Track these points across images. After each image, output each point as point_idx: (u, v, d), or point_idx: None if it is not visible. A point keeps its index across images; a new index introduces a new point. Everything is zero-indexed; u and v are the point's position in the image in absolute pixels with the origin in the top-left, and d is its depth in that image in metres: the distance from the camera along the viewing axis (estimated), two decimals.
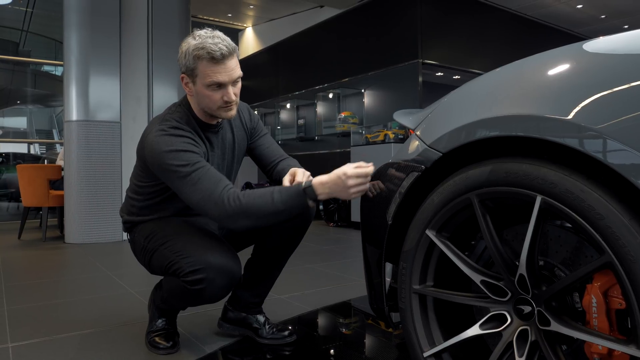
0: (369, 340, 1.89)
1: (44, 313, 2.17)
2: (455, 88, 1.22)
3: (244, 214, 1.38)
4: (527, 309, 0.96)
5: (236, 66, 1.50)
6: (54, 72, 11.30)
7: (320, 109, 7.20)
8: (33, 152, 13.31)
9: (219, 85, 1.47)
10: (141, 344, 1.74)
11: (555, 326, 0.90)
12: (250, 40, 9.63)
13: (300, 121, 7.53)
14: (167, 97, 4.60)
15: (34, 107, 13.48)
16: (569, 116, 0.85)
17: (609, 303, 0.87)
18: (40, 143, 13.90)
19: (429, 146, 1.12)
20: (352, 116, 6.35)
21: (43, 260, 3.61)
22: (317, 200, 1.39)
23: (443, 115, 1.17)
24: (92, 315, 2.12)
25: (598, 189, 0.82)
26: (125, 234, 1.76)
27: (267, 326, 1.77)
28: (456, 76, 7.00)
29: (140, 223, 1.67)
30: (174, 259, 1.48)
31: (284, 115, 8.13)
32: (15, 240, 4.59)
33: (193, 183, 1.42)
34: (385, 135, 5.33)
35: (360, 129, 5.92)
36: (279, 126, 8.12)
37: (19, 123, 14.22)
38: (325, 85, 6.89)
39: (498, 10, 6.59)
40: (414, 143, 1.19)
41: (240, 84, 1.54)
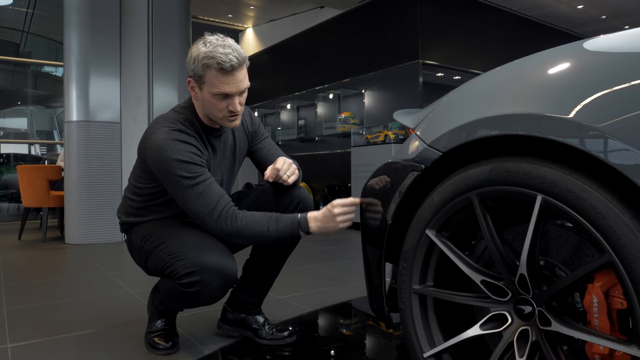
0: (369, 341, 1.89)
1: (44, 313, 2.16)
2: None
3: (238, 235, 1.46)
4: (528, 309, 0.95)
5: (244, 77, 1.49)
6: (54, 73, 11.30)
7: (321, 109, 7.19)
8: (34, 153, 13.32)
9: (225, 96, 1.46)
10: (140, 344, 1.73)
11: (556, 326, 0.90)
12: (250, 41, 9.63)
13: (301, 122, 7.53)
14: (168, 98, 4.60)
15: (35, 108, 13.48)
16: (570, 115, 0.84)
17: (610, 303, 0.86)
18: (40, 144, 13.90)
19: (429, 145, 1.12)
20: (353, 117, 6.35)
21: (43, 260, 3.60)
22: (309, 233, 1.47)
23: (443, 114, 1.16)
24: (92, 315, 2.11)
25: (599, 188, 0.82)
26: (123, 234, 1.75)
27: (267, 327, 1.77)
28: (456, 76, 7.00)
29: (137, 224, 1.66)
30: (169, 261, 1.47)
31: (285, 115, 8.13)
32: (15, 240, 4.59)
33: (194, 196, 1.44)
34: (386, 135, 5.32)
35: (361, 130, 5.91)
36: (280, 127, 8.12)
37: (20, 124, 14.22)
38: (326, 85, 6.89)
39: (498, 11, 6.59)
40: (414, 142, 1.18)
41: (246, 93, 1.53)
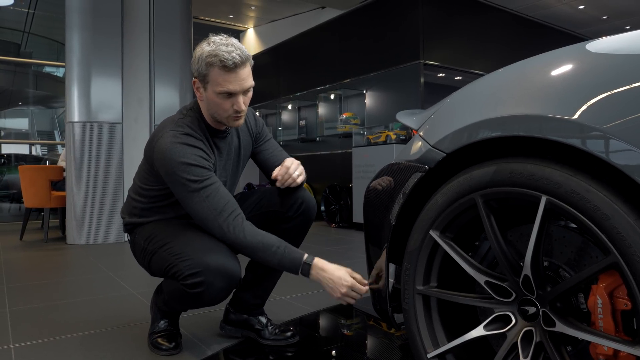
0: (371, 342, 1.89)
1: (46, 314, 2.17)
2: (457, 89, 1.22)
3: (241, 247, 1.47)
4: (532, 309, 0.95)
5: (248, 76, 1.49)
6: (55, 74, 11.31)
7: (322, 109, 7.20)
8: (35, 153, 13.32)
9: (229, 94, 1.47)
10: (143, 345, 1.73)
11: (560, 327, 0.90)
12: (251, 42, 9.63)
13: (302, 122, 7.53)
14: (169, 98, 4.60)
15: (36, 109, 13.49)
16: (574, 116, 0.84)
17: (614, 304, 0.86)
18: (41, 144, 13.91)
19: (432, 146, 1.12)
20: (354, 117, 6.35)
21: (45, 261, 3.61)
22: (305, 276, 1.47)
23: (446, 115, 1.16)
24: (94, 316, 2.11)
25: (603, 189, 0.82)
26: (126, 234, 1.75)
27: (270, 327, 1.77)
28: (458, 77, 7.00)
29: (141, 225, 1.66)
30: (173, 262, 1.47)
31: (286, 116, 8.13)
32: (17, 241, 4.59)
33: (200, 200, 1.44)
34: (387, 136, 5.33)
35: (362, 130, 5.92)
36: (280, 127, 8.12)
37: (21, 124, 14.23)
38: (327, 86, 6.89)
39: (500, 11, 6.59)
40: (417, 143, 1.18)
41: (251, 93, 1.53)
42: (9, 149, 12.10)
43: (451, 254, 1.08)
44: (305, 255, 1.47)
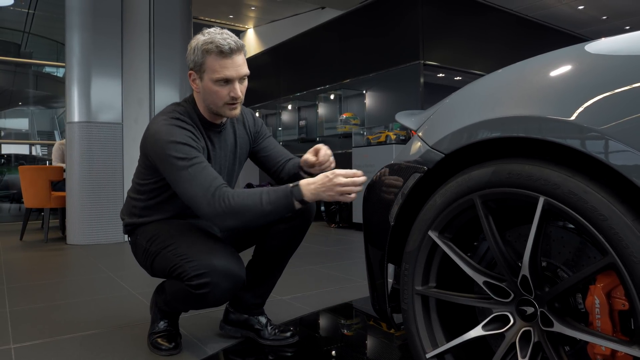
0: (370, 342, 1.89)
1: (46, 314, 2.17)
2: (457, 89, 1.22)
3: (233, 214, 1.38)
4: (530, 310, 0.96)
5: (243, 63, 1.52)
6: (55, 74, 11.30)
7: (322, 110, 7.20)
8: (35, 154, 13.32)
9: (226, 81, 1.49)
10: (143, 345, 1.74)
11: (558, 327, 0.90)
12: (251, 42, 9.64)
13: (302, 122, 7.54)
14: (169, 98, 4.60)
15: (36, 109, 13.49)
16: (572, 117, 0.85)
17: (612, 304, 0.86)
18: (41, 144, 13.91)
19: (431, 147, 1.12)
20: (354, 117, 6.36)
21: (45, 261, 3.61)
22: (304, 201, 1.39)
23: (445, 116, 1.17)
24: (94, 316, 2.12)
25: (601, 190, 0.82)
26: (126, 236, 1.76)
27: (269, 327, 1.77)
28: (457, 77, 7.00)
29: (142, 225, 1.67)
30: (178, 263, 1.48)
31: (285, 116, 8.14)
32: (17, 241, 4.60)
33: (188, 178, 1.44)
34: (387, 136, 5.33)
35: (362, 130, 5.92)
36: (280, 127, 8.13)
37: (21, 124, 14.23)
38: (327, 86, 6.90)
39: (499, 11, 6.60)
40: (416, 144, 1.19)
41: (246, 82, 1.56)
42: (9, 149, 12.10)
43: (450, 255, 1.08)
44: (291, 184, 1.41)
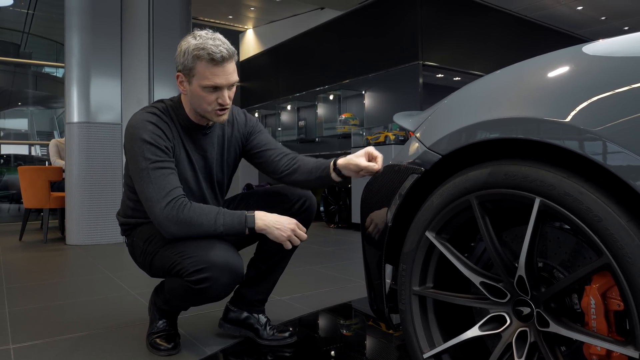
0: (369, 342, 1.90)
1: (45, 314, 2.17)
2: (456, 90, 1.23)
3: (185, 225, 1.45)
4: (526, 310, 0.96)
5: (234, 71, 1.51)
6: (55, 74, 11.30)
7: (321, 110, 7.21)
8: (34, 154, 13.32)
9: (215, 88, 1.48)
10: (142, 345, 1.74)
11: (554, 327, 0.91)
12: (250, 42, 9.64)
13: (301, 123, 7.55)
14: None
15: (35, 109, 13.48)
16: (568, 119, 0.85)
17: (607, 304, 0.87)
18: (41, 145, 13.92)
19: (428, 148, 1.13)
20: (353, 117, 6.36)
21: (44, 261, 3.61)
22: (252, 229, 1.46)
23: (443, 117, 1.17)
24: (93, 316, 2.12)
25: (596, 191, 0.83)
26: (124, 238, 1.76)
27: (268, 327, 1.78)
28: (456, 78, 7.01)
29: (138, 226, 1.67)
30: (177, 260, 1.48)
31: (285, 116, 8.14)
32: (16, 241, 4.60)
33: (148, 179, 1.47)
34: (386, 136, 5.34)
35: (361, 131, 5.93)
36: (280, 127, 8.13)
37: (20, 125, 14.22)
38: (326, 86, 6.90)
39: (498, 12, 6.60)
40: (414, 145, 1.19)
41: (235, 89, 1.55)
42: (9, 149, 12.09)
43: (447, 255, 1.08)
44: (247, 212, 1.49)
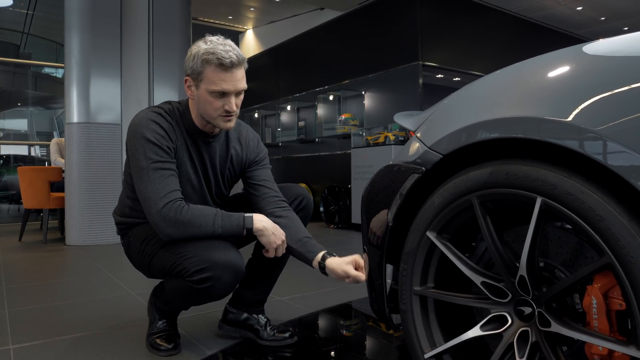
0: (369, 342, 1.89)
1: (45, 315, 2.17)
2: (456, 90, 1.23)
3: (183, 226, 1.45)
4: (528, 310, 0.96)
5: (243, 78, 1.51)
6: (54, 75, 11.31)
7: (321, 110, 7.20)
8: (34, 154, 13.32)
9: (222, 94, 1.48)
10: (142, 345, 1.74)
11: (555, 327, 0.90)
12: (250, 43, 9.64)
13: (301, 123, 7.54)
14: (168, 99, 4.61)
15: (35, 109, 13.49)
16: (569, 118, 0.85)
17: (609, 304, 0.87)
18: (40, 145, 13.91)
19: (429, 148, 1.13)
20: (353, 118, 6.36)
21: (44, 262, 3.61)
22: (249, 230, 1.49)
23: (443, 117, 1.17)
24: (93, 317, 2.12)
25: (598, 190, 0.82)
26: (120, 237, 1.75)
27: (268, 328, 1.78)
28: (456, 78, 7.01)
29: (134, 226, 1.66)
30: (177, 260, 1.48)
31: (285, 117, 8.14)
32: (16, 242, 4.59)
33: (148, 179, 1.47)
34: (386, 137, 5.34)
35: (361, 131, 5.93)
36: (280, 128, 8.13)
37: (20, 125, 14.23)
38: (326, 87, 6.90)
39: (498, 12, 6.61)
40: (415, 145, 1.19)
41: (242, 96, 1.54)
42: (8, 149, 12.08)
43: (448, 255, 1.08)
44: (246, 213, 1.51)
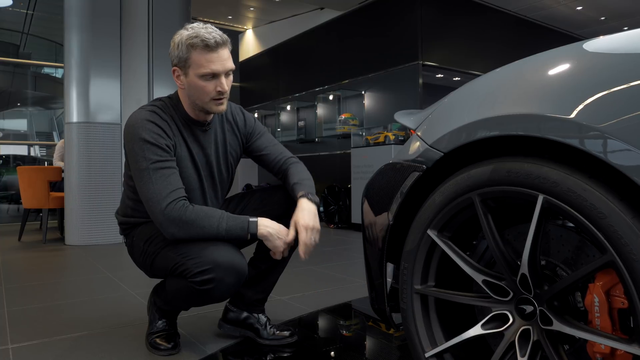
0: (369, 342, 1.89)
1: (45, 314, 2.17)
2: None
3: (186, 226, 1.44)
4: (529, 308, 0.96)
5: (229, 57, 1.51)
6: (54, 74, 11.29)
7: (321, 110, 7.20)
8: (33, 155, 13.31)
9: (212, 76, 1.48)
10: (142, 345, 1.73)
11: (557, 326, 0.90)
12: (250, 42, 9.63)
13: (301, 123, 7.54)
14: None
15: (34, 109, 13.48)
16: (571, 115, 0.85)
17: (611, 302, 0.86)
18: (40, 145, 13.91)
19: (430, 146, 1.12)
20: (353, 118, 6.35)
21: (43, 262, 3.60)
22: (254, 234, 1.48)
23: (444, 115, 1.16)
24: (93, 316, 2.11)
25: (600, 187, 0.82)
26: (123, 237, 1.75)
27: (268, 327, 1.77)
28: (456, 78, 7.00)
29: (137, 225, 1.66)
30: (180, 261, 1.47)
31: (284, 117, 8.13)
32: (15, 242, 4.59)
33: (149, 180, 1.46)
34: (386, 137, 5.33)
35: (361, 131, 5.92)
36: (279, 128, 8.12)
37: (19, 125, 14.22)
38: (326, 87, 6.90)
39: (498, 12, 6.60)
40: (415, 143, 1.19)
41: (232, 77, 1.55)
42: (8, 149, 12.08)
43: (449, 253, 1.08)
44: (251, 217, 1.49)
